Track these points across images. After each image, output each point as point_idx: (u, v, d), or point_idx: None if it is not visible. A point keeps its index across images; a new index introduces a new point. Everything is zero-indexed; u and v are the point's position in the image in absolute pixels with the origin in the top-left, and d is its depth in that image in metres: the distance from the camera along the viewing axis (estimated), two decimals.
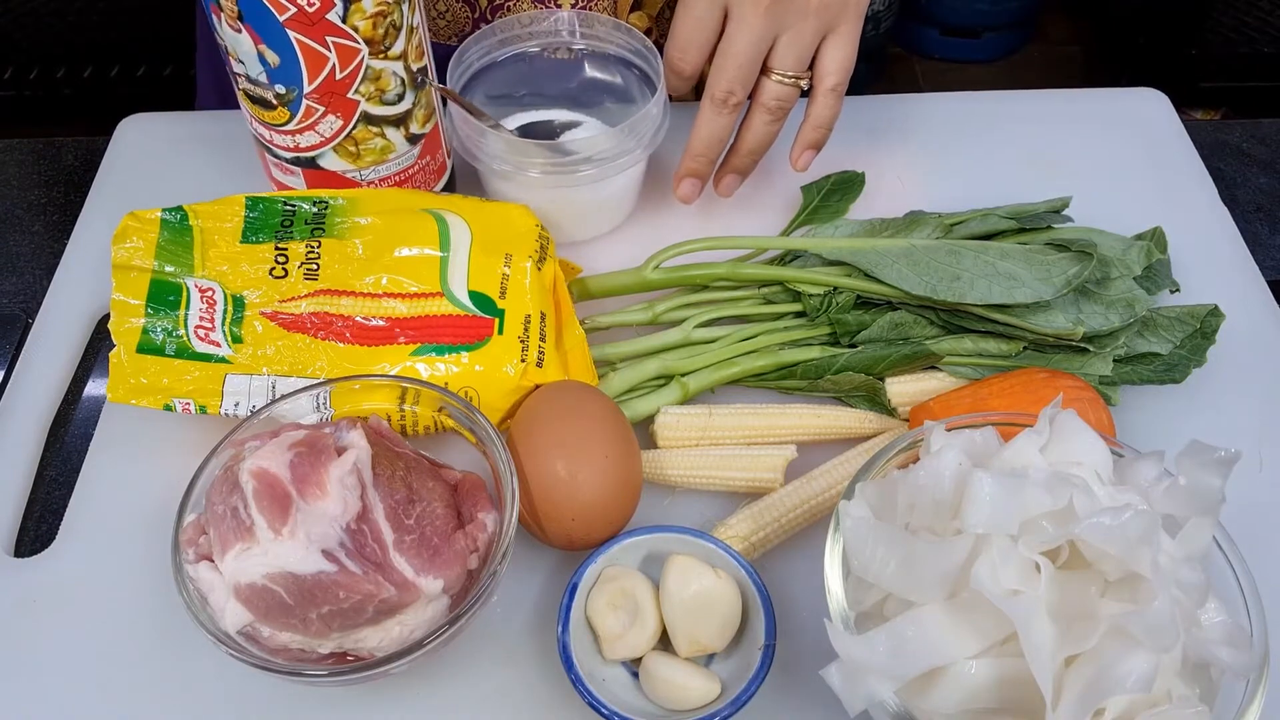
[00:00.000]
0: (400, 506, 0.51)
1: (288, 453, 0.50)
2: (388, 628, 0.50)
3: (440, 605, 0.51)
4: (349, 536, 0.49)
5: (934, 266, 0.65)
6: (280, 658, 0.49)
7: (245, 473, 0.50)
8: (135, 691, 0.55)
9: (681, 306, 0.68)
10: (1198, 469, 0.47)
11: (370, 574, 0.49)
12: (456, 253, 0.63)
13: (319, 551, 0.48)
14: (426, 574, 0.50)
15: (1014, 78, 2.26)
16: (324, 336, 0.60)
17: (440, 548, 0.51)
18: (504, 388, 0.60)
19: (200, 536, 0.51)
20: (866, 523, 0.48)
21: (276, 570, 0.48)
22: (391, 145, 0.66)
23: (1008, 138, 0.83)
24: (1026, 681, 0.43)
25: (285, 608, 0.48)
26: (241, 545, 0.49)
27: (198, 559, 0.50)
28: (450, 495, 0.55)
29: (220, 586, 0.49)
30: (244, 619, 0.48)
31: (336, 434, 0.53)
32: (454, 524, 0.53)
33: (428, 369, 0.60)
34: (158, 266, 0.61)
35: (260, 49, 0.59)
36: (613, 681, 0.53)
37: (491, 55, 0.73)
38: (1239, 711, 0.45)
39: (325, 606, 0.48)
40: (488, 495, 0.55)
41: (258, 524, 0.49)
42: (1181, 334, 0.66)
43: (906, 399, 0.64)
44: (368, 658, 0.50)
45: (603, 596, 0.54)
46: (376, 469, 0.52)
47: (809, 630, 0.56)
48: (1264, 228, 0.81)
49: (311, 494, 0.49)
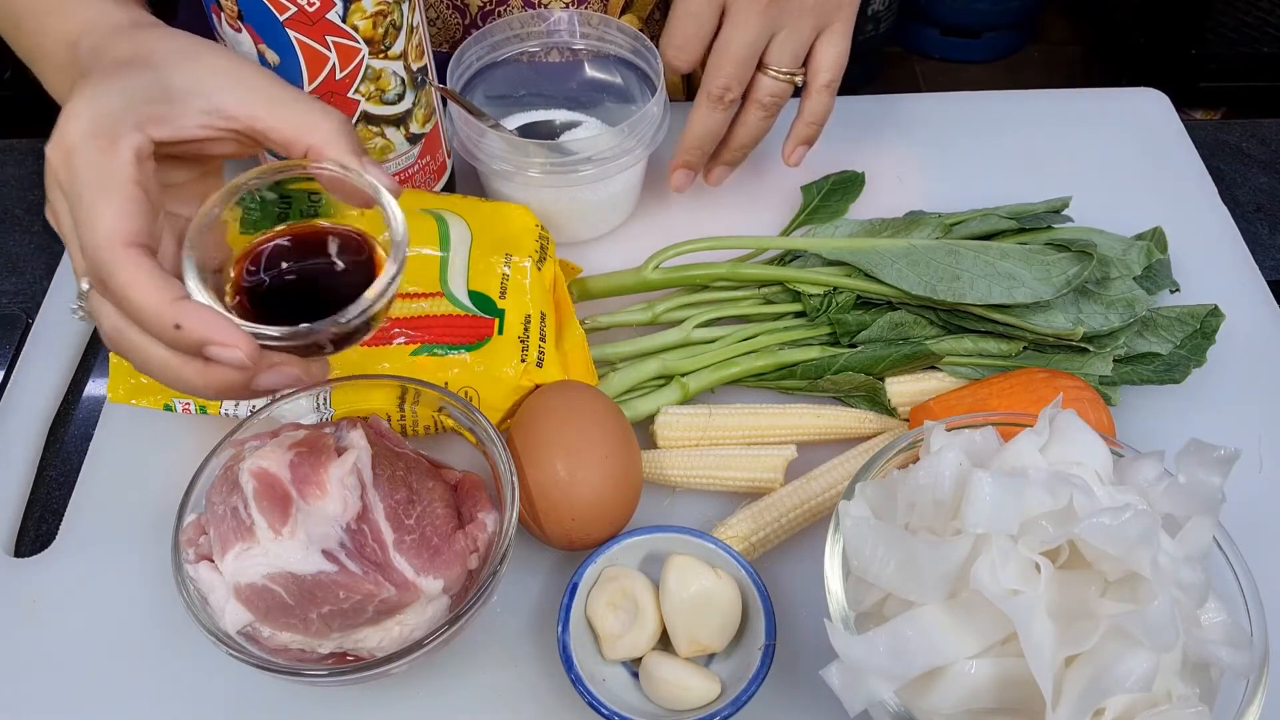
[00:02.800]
0: (400, 506, 0.51)
1: (288, 453, 0.50)
2: (388, 628, 0.50)
3: (440, 605, 0.51)
4: (349, 536, 0.49)
5: (934, 266, 0.65)
6: (280, 658, 0.49)
7: (245, 473, 0.50)
8: (136, 692, 0.55)
9: (681, 306, 0.68)
10: (1197, 467, 0.47)
11: (370, 574, 0.49)
12: (456, 253, 0.63)
13: (319, 551, 0.48)
14: (427, 574, 0.50)
15: (1014, 78, 2.26)
16: None
17: (440, 548, 0.51)
18: (504, 388, 0.60)
19: (200, 536, 0.51)
20: (866, 523, 0.48)
21: (277, 570, 0.48)
22: (391, 145, 0.66)
23: (1008, 138, 0.83)
24: (1026, 681, 0.43)
25: (285, 608, 0.48)
26: (242, 545, 0.49)
27: (198, 559, 0.50)
28: (450, 495, 0.55)
29: (220, 586, 0.49)
30: (244, 619, 0.48)
31: (337, 434, 0.53)
32: (454, 524, 0.53)
33: (426, 368, 0.60)
34: None
35: (260, 49, 0.59)
36: (613, 681, 0.53)
37: (491, 55, 0.73)
38: (1239, 711, 0.45)
39: (326, 606, 0.48)
40: (488, 495, 0.55)
41: (258, 524, 0.49)
42: (1181, 334, 0.66)
43: (906, 399, 0.64)
44: (368, 658, 0.50)
45: (603, 596, 0.54)
46: (376, 469, 0.52)
47: (809, 630, 0.56)
48: (1264, 228, 0.81)
49: (311, 494, 0.49)
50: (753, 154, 0.72)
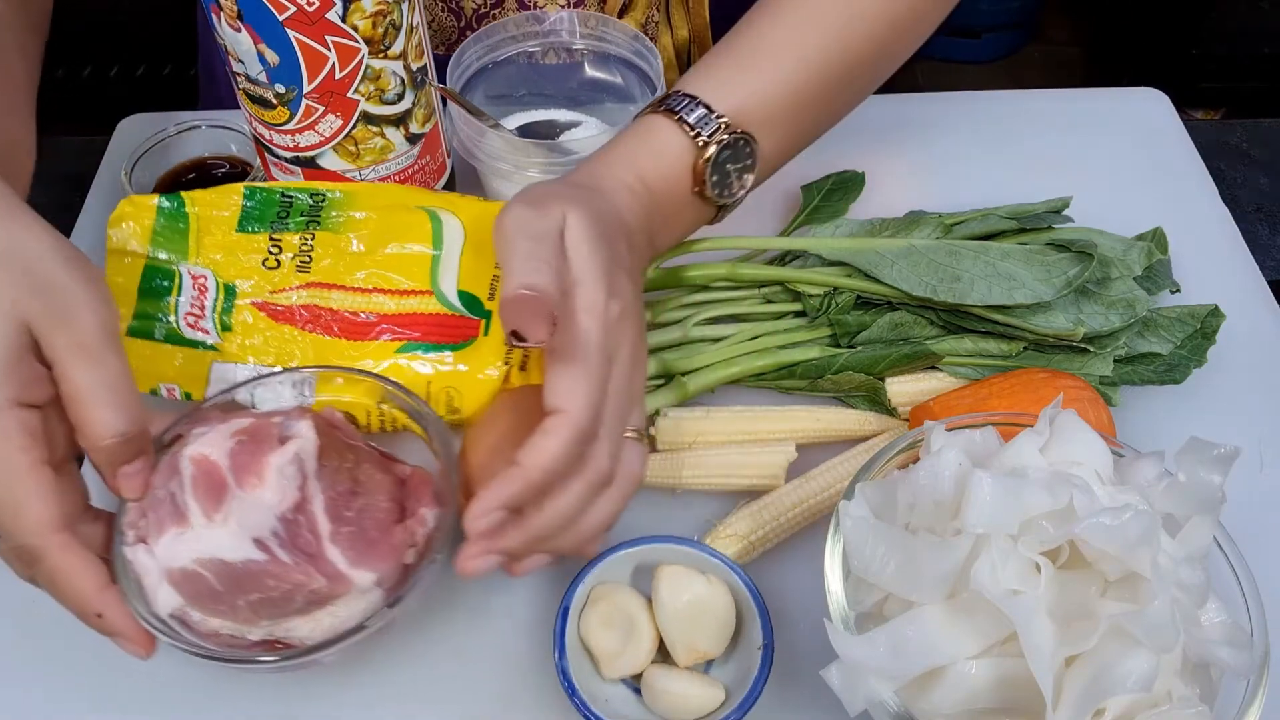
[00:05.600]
0: (342, 499, 0.52)
1: (229, 440, 0.51)
2: (319, 618, 0.50)
3: (374, 598, 0.51)
4: (283, 526, 0.50)
5: (934, 267, 0.65)
6: (211, 643, 0.50)
7: (185, 458, 0.50)
8: (136, 691, 0.55)
9: (681, 306, 0.68)
10: (1197, 466, 0.47)
11: (301, 564, 0.49)
12: (449, 252, 0.63)
13: (250, 539, 0.49)
14: (360, 566, 0.50)
15: (1014, 78, 2.26)
16: (312, 329, 0.60)
17: (377, 541, 0.51)
18: (486, 389, 0.60)
19: (141, 520, 0.51)
20: (866, 523, 0.48)
21: (206, 556, 0.49)
22: (391, 145, 0.66)
23: (1007, 138, 0.83)
24: (1026, 681, 0.42)
25: (214, 593, 0.49)
26: (176, 530, 0.49)
27: (136, 542, 0.51)
28: (398, 489, 0.55)
29: (154, 570, 0.49)
30: (175, 603, 0.49)
31: (285, 424, 0.53)
32: (396, 518, 0.53)
33: (411, 366, 0.60)
34: (152, 252, 0.62)
35: (260, 48, 0.59)
36: (615, 700, 0.53)
37: (491, 55, 0.73)
38: (1239, 711, 0.45)
39: (254, 594, 0.49)
40: (434, 491, 0.55)
41: (191, 509, 0.49)
42: (1181, 334, 0.66)
43: (906, 399, 0.64)
44: (298, 646, 0.50)
45: (595, 615, 0.54)
46: (323, 460, 0.52)
47: (808, 630, 0.56)
48: (1264, 228, 0.81)
49: (249, 482, 0.50)
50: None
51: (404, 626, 0.57)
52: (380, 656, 0.56)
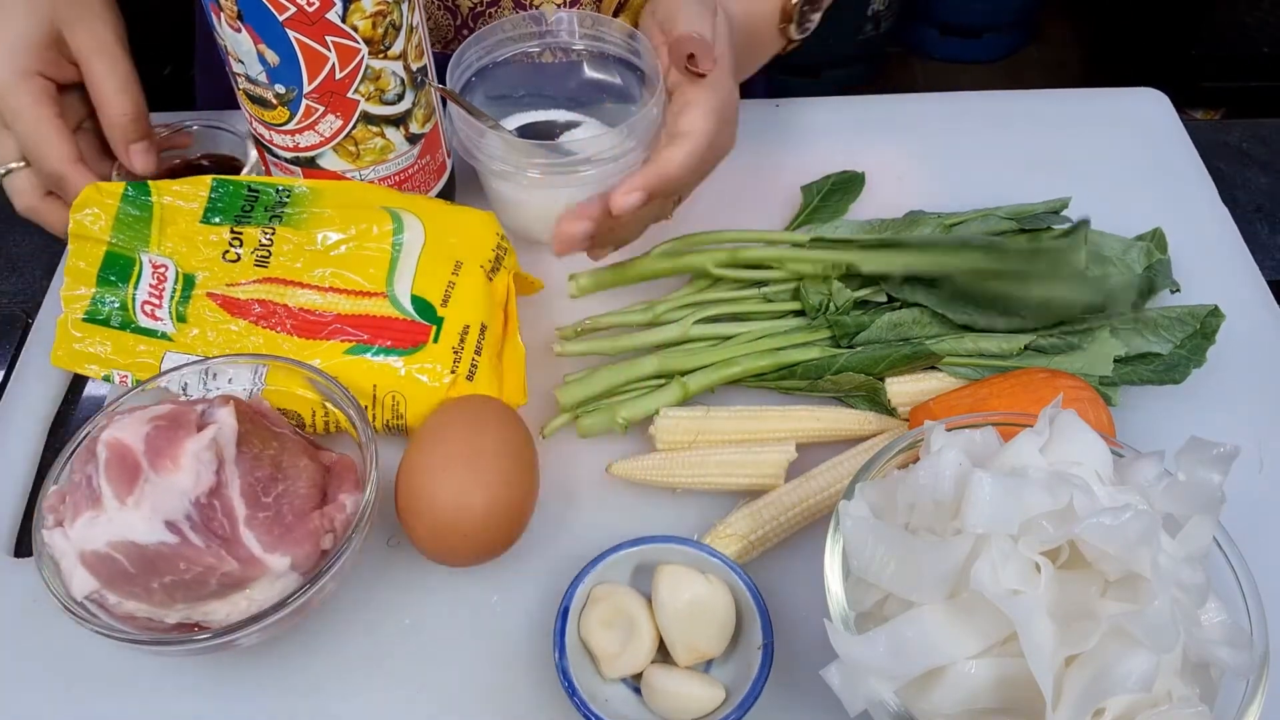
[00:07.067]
0: (260, 484, 0.52)
1: (145, 425, 0.51)
2: (234, 601, 0.51)
3: (289, 581, 0.52)
4: (197, 510, 0.50)
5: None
6: (128, 625, 0.50)
7: (101, 443, 0.51)
8: (136, 691, 0.55)
9: (681, 306, 0.68)
10: (1197, 465, 0.47)
11: (213, 547, 0.50)
12: (407, 254, 0.63)
13: (162, 523, 0.49)
14: (275, 551, 0.51)
15: (1014, 78, 2.26)
16: (266, 325, 0.61)
17: (293, 525, 0.52)
18: (432, 397, 0.60)
19: (60, 504, 0.52)
20: (866, 523, 0.48)
21: (119, 539, 0.49)
22: (391, 145, 0.66)
23: (1008, 138, 0.83)
24: (1026, 681, 0.42)
25: (128, 576, 0.49)
26: (90, 513, 0.50)
27: (54, 525, 0.51)
28: (321, 476, 0.55)
29: (70, 553, 0.50)
30: (90, 586, 0.49)
31: (207, 410, 0.53)
32: (315, 504, 0.54)
33: (357, 368, 0.60)
34: (113, 238, 0.62)
35: (260, 48, 0.59)
36: (616, 700, 0.53)
37: (491, 56, 0.73)
38: (1239, 711, 0.45)
39: (167, 576, 0.49)
40: (356, 478, 0.55)
41: (105, 493, 0.50)
42: (1181, 334, 0.66)
43: (906, 399, 0.64)
44: (215, 629, 0.51)
45: (595, 616, 0.54)
46: (243, 446, 0.52)
47: (808, 630, 0.56)
48: (1264, 228, 0.81)
49: (163, 466, 0.50)
50: (753, 154, 0.72)
51: (404, 626, 0.57)
52: (380, 656, 0.56)
